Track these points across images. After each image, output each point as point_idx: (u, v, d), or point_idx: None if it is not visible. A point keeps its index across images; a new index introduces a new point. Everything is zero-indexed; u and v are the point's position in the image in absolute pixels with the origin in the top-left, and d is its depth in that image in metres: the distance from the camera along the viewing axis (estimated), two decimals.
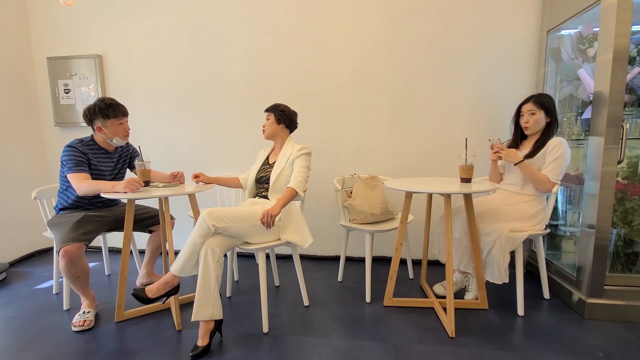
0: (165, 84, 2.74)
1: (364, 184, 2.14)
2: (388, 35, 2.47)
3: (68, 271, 1.74)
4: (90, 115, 1.89)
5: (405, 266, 2.39)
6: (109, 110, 1.87)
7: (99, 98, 1.93)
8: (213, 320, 1.59)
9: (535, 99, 1.90)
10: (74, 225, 1.80)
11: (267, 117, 1.99)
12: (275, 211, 1.67)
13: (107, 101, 1.89)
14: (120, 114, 1.90)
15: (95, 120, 1.89)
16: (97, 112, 1.87)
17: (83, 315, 1.83)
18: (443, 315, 1.78)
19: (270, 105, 2.01)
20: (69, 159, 1.85)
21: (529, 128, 1.91)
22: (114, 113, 1.88)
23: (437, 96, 2.48)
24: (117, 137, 1.91)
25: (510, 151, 1.87)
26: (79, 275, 1.79)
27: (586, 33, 1.99)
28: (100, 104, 1.88)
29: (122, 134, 1.93)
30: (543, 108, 1.87)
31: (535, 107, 1.88)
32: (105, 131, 1.89)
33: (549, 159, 1.83)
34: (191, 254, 1.60)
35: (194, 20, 2.64)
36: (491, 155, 1.93)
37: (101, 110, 1.86)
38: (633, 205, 1.86)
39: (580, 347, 1.56)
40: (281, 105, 1.99)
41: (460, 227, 1.88)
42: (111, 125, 1.89)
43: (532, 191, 1.89)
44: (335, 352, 1.55)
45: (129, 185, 1.72)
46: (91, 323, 1.80)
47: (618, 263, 1.89)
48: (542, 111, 1.87)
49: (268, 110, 1.99)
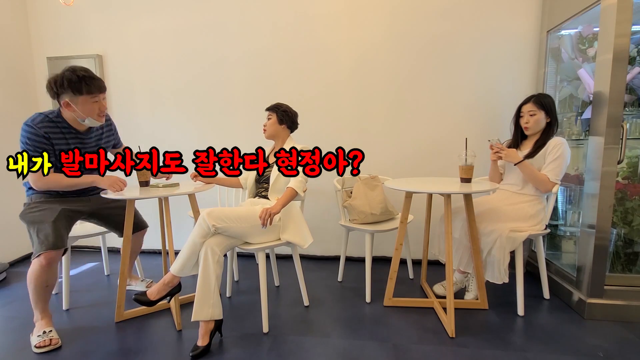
0: (165, 84, 2.74)
1: (364, 184, 2.14)
2: (388, 35, 2.47)
3: (40, 277, 1.55)
4: (56, 88, 1.50)
5: (405, 266, 2.39)
6: (81, 85, 1.50)
7: (68, 67, 1.53)
8: (213, 320, 1.59)
9: (535, 100, 1.90)
10: (54, 226, 1.56)
11: (268, 117, 1.98)
12: (275, 210, 1.67)
13: (80, 72, 1.51)
14: (96, 90, 1.55)
15: (62, 94, 1.51)
16: (65, 86, 1.49)
17: (45, 335, 1.59)
18: (443, 315, 1.78)
19: (271, 104, 2.00)
20: (24, 143, 1.49)
21: (529, 128, 1.91)
22: (88, 88, 1.51)
23: (438, 96, 2.48)
24: (90, 117, 1.56)
25: (510, 151, 1.87)
26: (49, 283, 1.60)
27: (586, 33, 1.99)
28: (71, 75, 1.49)
29: (96, 114, 1.57)
30: (543, 108, 1.87)
31: (536, 108, 1.88)
32: (75, 109, 1.52)
33: (549, 159, 1.83)
34: (191, 254, 1.60)
35: (194, 20, 2.64)
36: (491, 155, 1.94)
37: (71, 83, 1.48)
38: (633, 205, 1.86)
39: (580, 347, 1.56)
40: (283, 105, 1.98)
41: (460, 227, 1.88)
42: (83, 103, 1.52)
43: (533, 191, 1.89)
44: (335, 352, 1.55)
45: (114, 185, 1.55)
46: (58, 341, 1.60)
47: (618, 263, 1.89)
48: (542, 111, 1.87)
49: (270, 109, 1.98)
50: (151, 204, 2.69)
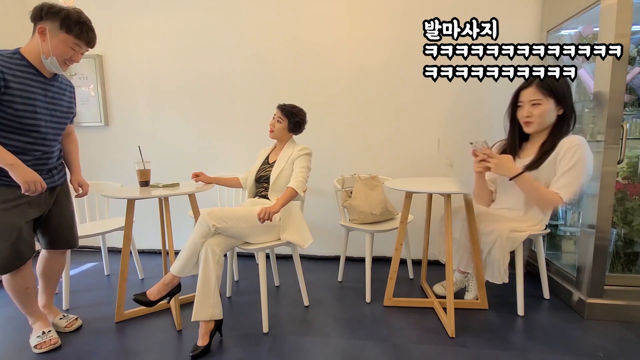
0: (165, 84, 2.74)
1: (364, 184, 2.14)
2: (388, 35, 2.47)
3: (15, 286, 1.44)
4: (44, 12, 1.32)
5: (405, 266, 2.39)
6: (74, 25, 1.34)
7: (73, 7, 1.38)
8: (213, 320, 1.59)
9: (539, 83, 1.39)
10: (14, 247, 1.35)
11: (278, 119, 1.94)
12: (274, 209, 1.67)
13: (83, 17, 1.38)
14: (84, 38, 1.38)
15: (46, 20, 1.32)
16: (58, 15, 1.32)
17: (44, 336, 1.56)
18: (443, 315, 1.78)
19: (286, 105, 1.96)
20: None
21: (532, 125, 1.49)
22: (78, 32, 1.35)
23: (438, 96, 2.48)
24: (56, 57, 1.34)
25: (503, 159, 1.35)
26: (29, 285, 1.49)
27: (586, 33, 1.99)
28: (73, 12, 1.35)
29: (63, 58, 1.37)
30: (552, 95, 1.38)
31: (541, 95, 1.39)
32: (47, 41, 1.31)
33: (562, 167, 1.36)
34: (191, 254, 1.60)
35: (194, 20, 2.64)
36: (475, 165, 1.43)
37: (66, 17, 1.33)
38: (633, 205, 1.86)
39: (580, 347, 1.56)
40: (297, 112, 1.94)
41: (460, 227, 1.86)
42: (62, 41, 1.34)
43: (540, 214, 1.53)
44: (335, 352, 1.55)
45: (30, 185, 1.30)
46: (57, 341, 1.58)
47: (618, 263, 1.89)
48: (551, 99, 1.38)
49: (284, 113, 1.93)
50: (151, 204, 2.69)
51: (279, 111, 1.95)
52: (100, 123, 2.82)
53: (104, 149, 2.89)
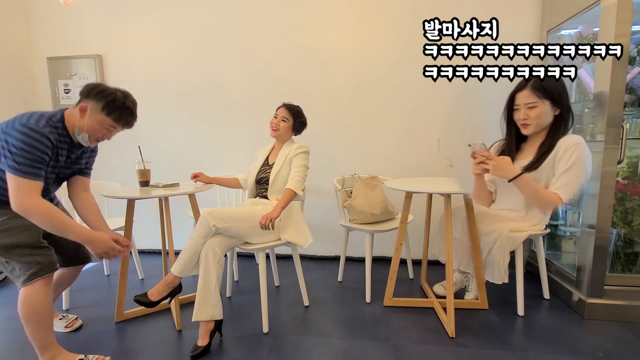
0: (165, 84, 2.74)
1: (364, 184, 2.14)
2: (388, 36, 2.47)
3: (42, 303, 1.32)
4: (95, 93, 1.35)
5: (405, 266, 2.39)
6: (117, 110, 1.39)
7: (125, 91, 1.45)
8: (213, 321, 1.59)
9: (534, 85, 1.42)
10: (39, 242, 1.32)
11: (284, 118, 1.93)
12: (274, 214, 1.67)
13: (129, 102, 1.44)
14: (122, 123, 1.45)
15: (91, 100, 1.35)
16: (106, 100, 1.35)
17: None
18: (443, 315, 1.78)
19: (291, 105, 1.97)
20: (24, 150, 1.21)
21: (529, 127, 1.52)
22: (118, 116, 1.41)
23: (438, 96, 2.48)
24: (89, 135, 1.38)
25: (501, 161, 1.38)
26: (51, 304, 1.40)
27: (586, 33, 1.99)
28: (122, 97, 1.40)
29: (95, 137, 1.42)
30: (548, 96, 1.41)
31: (536, 97, 1.42)
32: (85, 119, 1.34)
33: (561, 167, 1.38)
34: (192, 254, 1.60)
35: (194, 20, 2.64)
36: (473, 167, 1.44)
37: (113, 102, 1.36)
38: (633, 205, 1.86)
39: (580, 347, 1.56)
40: (302, 113, 1.98)
41: (460, 227, 1.86)
42: (99, 122, 1.37)
43: (540, 214, 1.56)
44: (335, 352, 1.55)
45: (108, 253, 1.34)
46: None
47: (618, 263, 1.89)
48: (547, 101, 1.41)
49: (292, 112, 1.94)
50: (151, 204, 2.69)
51: (285, 110, 1.94)
52: None
53: (104, 149, 2.87)
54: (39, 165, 1.26)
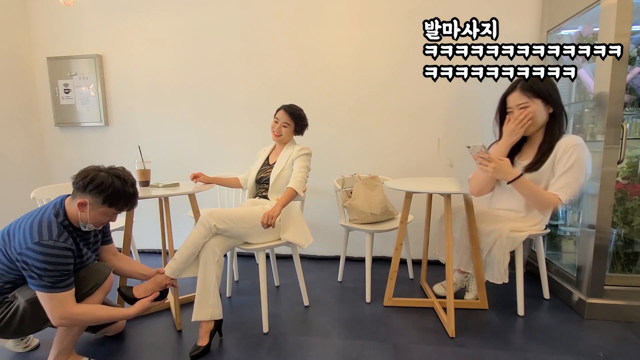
0: (165, 84, 2.74)
1: (364, 184, 2.14)
2: (388, 36, 2.47)
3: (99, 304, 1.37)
4: (90, 188, 1.25)
5: (405, 266, 2.39)
6: (119, 200, 1.31)
7: (119, 172, 1.34)
8: (213, 320, 1.59)
9: (523, 86, 1.43)
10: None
11: (285, 123, 1.92)
12: (275, 212, 1.67)
13: (130, 188, 1.34)
14: (127, 209, 1.40)
15: (88, 194, 1.26)
16: (105, 193, 1.27)
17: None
18: (443, 315, 1.78)
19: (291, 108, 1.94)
20: (49, 270, 1.17)
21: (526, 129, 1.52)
22: (122, 206, 1.35)
23: (437, 96, 2.48)
24: (94, 224, 1.33)
25: (500, 163, 1.37)
26: None
27: (586, 33, 1.99)
28: (120, 186, 1.30)
29: (101, 224, 1.36)
30: (538, 95, 1.42)
31: (527, 98, 1.42)
32: (85, 213, 1.27)
33: (560, 168, 1.39)
34: (190, 254, 1.59)
35: (194, 20, 2.64)
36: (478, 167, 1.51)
37: (113, 194, 1.28)
38: (633, 205, 1.86)
39: (580, 347, 1.56)
40: (303, 116, 1.97)
41: (460, 227, 1.86)
42: (101, 213, 1.30)
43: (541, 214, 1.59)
44: (335, 352, 1.55)
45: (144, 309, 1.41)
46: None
47: (618, 263, 1.89)
48: (539, 99, 1.42)
49: (293, 117, 1.92)
50: (151, 204, 2.69)
51: (285, 114, 1.92)
52: (100, 123, 2.82)
53: (104, 149, 2.89)
54: (67, 277, 1.24)
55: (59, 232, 1.23)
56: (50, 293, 1.20)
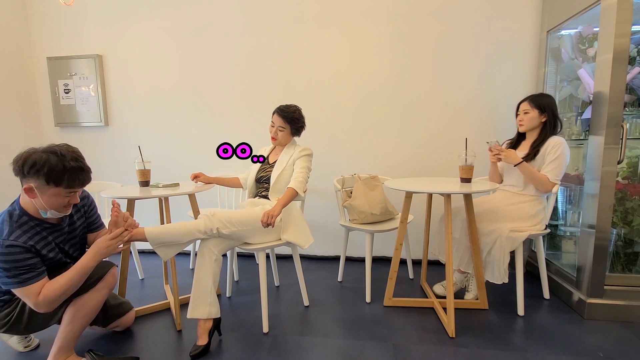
0: (165, 84, 2.74)
1: (364, 184, 2.14)
2: (388, 36, 2.47)
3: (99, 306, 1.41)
4: (27, 170, 1.18)
5: (405, 266, 2.39)
6: (62, 176, 1.20)
7: (55, 148, 1.23)
8: (211, 319, 1.59)
9: (530, 98, 1.93)
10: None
11: (280, 127, 1.90)
12: (275, 212, 1.67)
13: (69, 162, 1.21)
14: (79, 185, 1.25)
15: (30, 178, 1.19)
16: (42, 172, 1.18)
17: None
18: (443, 315, 1.78)
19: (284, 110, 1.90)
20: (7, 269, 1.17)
21: (522, 125, 1.95)
22: (70, 182, 1.22)
23: (438, 96, 2.48)
24: (53, 209, 1.25)
25: (510, 152, 1.87)
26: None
27: (586, 33, 1.99)
28: (56, 162, 1.19)
29: (62, 206, 1.26)
30: (537, 107, 1.89)
31: (529, 106, 1.91)
32: (37, 197, 1.21)
33: (549, 159, 1.83)
34: (181, 235, 1.55)
35: (194, 21, 2.64)
36: (490, 157, 1.94)
37: (52, 172, 1.18)
38: (633, 205, 1.86)
39: (580, 347, 1.56)
40: (300, 118, 1.94)
41: (460, 227, 1.87)
42: (53, 195, 1.22)
43: (533, 192, 1.90)
44: (335, 352, 1.55)
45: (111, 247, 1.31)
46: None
47: (618, 263, 1.89)
48: (536, 110, 1.89)
49: (287, 120, 1.89)
50: (151, 204, 2.69)
51: (279, 119, 1.90)
52: (100, 123, 2.82)
53: (104, 149, 2.89)
54: (31, 271, 1.21)
55: (9, 231, 1.20)
56: (22, 288, 1.19)
